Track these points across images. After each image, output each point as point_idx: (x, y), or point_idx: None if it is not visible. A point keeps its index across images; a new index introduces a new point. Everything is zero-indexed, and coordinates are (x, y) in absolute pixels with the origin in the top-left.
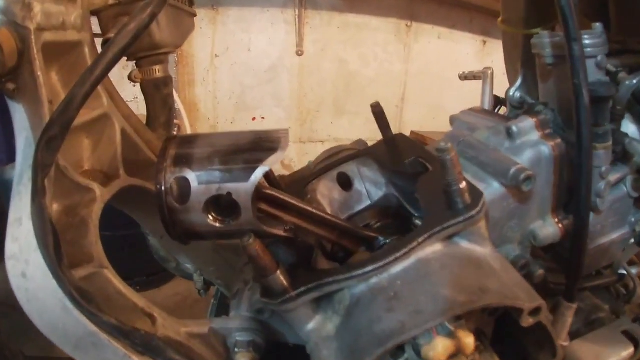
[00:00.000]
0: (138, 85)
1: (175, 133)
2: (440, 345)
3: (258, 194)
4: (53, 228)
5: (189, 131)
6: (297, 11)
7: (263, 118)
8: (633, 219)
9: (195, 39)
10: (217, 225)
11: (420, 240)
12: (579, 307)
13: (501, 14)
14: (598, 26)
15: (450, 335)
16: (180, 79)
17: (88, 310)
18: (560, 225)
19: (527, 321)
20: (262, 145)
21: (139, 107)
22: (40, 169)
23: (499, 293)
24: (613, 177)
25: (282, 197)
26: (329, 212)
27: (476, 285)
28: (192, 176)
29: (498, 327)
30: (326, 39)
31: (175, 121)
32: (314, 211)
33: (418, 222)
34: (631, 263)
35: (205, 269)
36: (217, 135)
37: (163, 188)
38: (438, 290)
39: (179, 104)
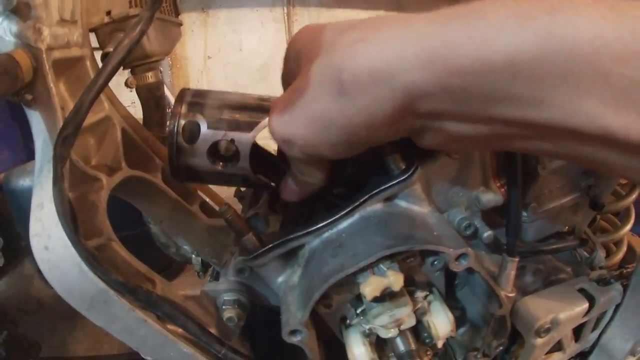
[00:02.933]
0: (134, 91)
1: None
2: (374, 282)
3: (254, 148)
4: (70, 205)
5: None
6: (285, 9)
7: None
8: (583, 184)
9: (188, 42)
10: (217, 167)
11: (361, 200)
12: (538, 269)
13: None
14: None
15: (383, 274)
16: (175, 82)
17: (100, 270)
18: (502, 190)
19: (456, 266)
20: (265, 106)
21: (136, 111)
22: (59, 160)
23: (423, 239)
24: None
25: (271, 155)
26: None
27: (405, 234)
28: (202, 121)
29: None
30: None
31: None
32: None
33: None
34: (605, 230)
35: (202, 250)
36: (227, 93)
37: (175, 128)
38: (372, 238)
39: None
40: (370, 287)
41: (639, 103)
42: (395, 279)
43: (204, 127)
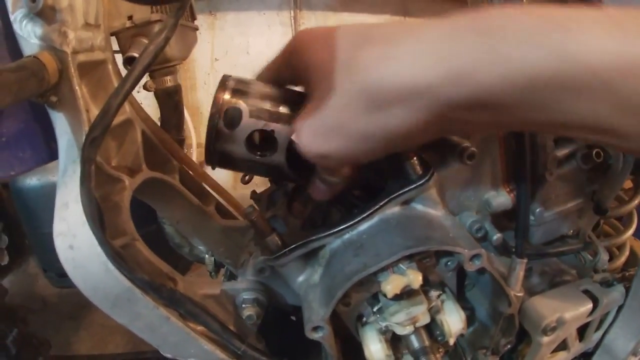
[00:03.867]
0: (142, 92)
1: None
2: (395, 280)
3: (291, 142)
4: (98, 205)
5: (192, 134)
6: (292, 13)
7: None
8: (588, 189)
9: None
10: (253, 156)
11: (381, 204)
12: (544, 270)
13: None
14: None
15: (403, 273)
16: (182, 84)
17: (126, 269)
18: (511, 195)
19: (470, 266)
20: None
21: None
22: (87, 161)
23: (441, 240)
24: (561, 152)
25: None
26: None
27: (423, 235)
28: (245, 108)
29: None
30: None
31: None
32: None
33: None
34: (608, 234)
35: (216, 250)
36: (269, 85)
37: (217, 110)
38: (393, 239)
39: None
40: (391, 285)
41: None
42: (414, 278)
43: (245, 115)
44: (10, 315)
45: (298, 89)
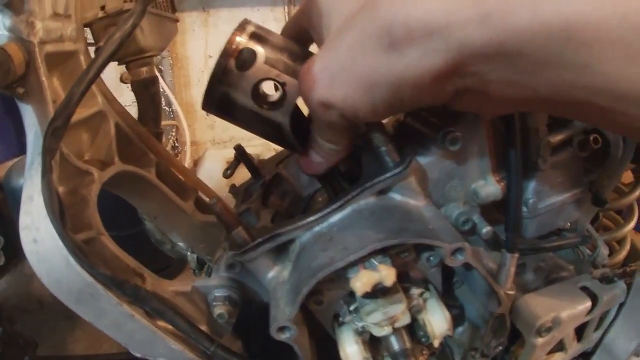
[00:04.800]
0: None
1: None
2: (365, 276)
3: (297, 105)
4: (58, 198)
5: (186, 132)
6: (286, 8)
7: None
8: (585, 179)
9: (189, 41)
10: (256, 106)
11: (354, 194)
12: (539, 266)
13: None
14: None
15: (375, 269)
16: (176, 81)
17: (87, 263)
18: (501, 184)
19: (451, 261)
20: None
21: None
22: (47, 152)
23: (417, 233)
24: (555, 137)
25: (308, 120)
26: (296, 186)
27: (397, 227)
28: (261, 53)
29: None
30: None
31: (173, 122)
32: None
33: None
34: (608, 228)
35: (196, 246)
36: (289, 40)
37: (231, 48)
38: (364, 231)
39: (175, 106)
40: (360, 281)
41: None
42: (387, 274)
43: (260, 60)
44: None
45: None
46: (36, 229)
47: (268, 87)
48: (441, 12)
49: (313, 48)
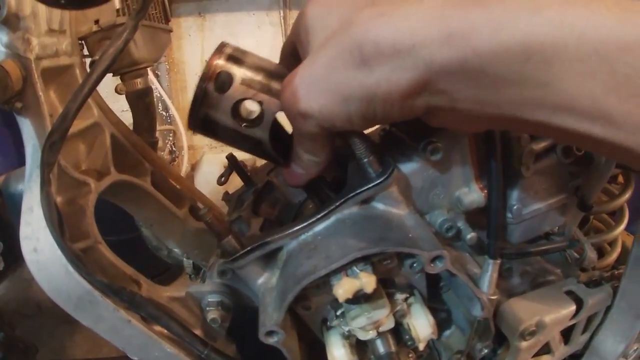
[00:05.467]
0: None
1: (170, 138)
2: (346, 284)
3: (276, 120)
4: (57, 209)
5: (184, 136)
6: (282, 13)
7: None
8: (571, 184)
9: (185, 46)
10: (236, 125)
11: (337, 204)
12: (525, 271)
13: None
14: None
15: (356, 276)
16: (172, 86)
17: (85, 271)
18: (484, 192)
19: (431, 268)
20: None
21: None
22: (45, 166)
23: (397, 241)
24: (538, 145)
25: (287, 135)
26: (286, 194)
27: (377, 236)
28: (237, 75)
29: None
30: None
31: (170, 127)
32: None
33: None
34: (598, 230)
35: (191, 252)
36: (264, 59)
37: (209, 72)
38: (346, 240)
39: (172, 110)
40: (342, 288)
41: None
42: (367, 281)
43: (237, 81)
44: None
45: None
46: (36, 238)
47: (248, 105)
48: (408, 32)
49: None
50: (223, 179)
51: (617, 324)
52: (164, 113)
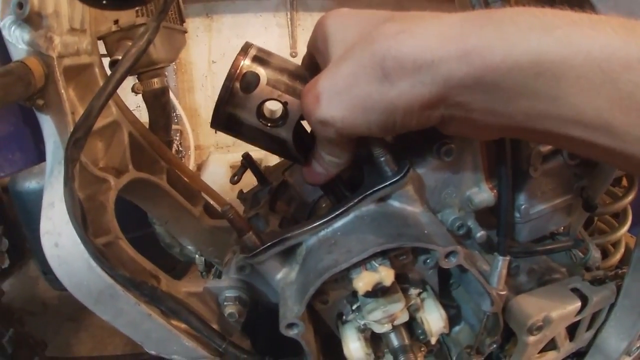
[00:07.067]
0: (139, 95)
1: (177, 137)
2: (366, 277)
3: (299, 121)
4: (80, 205)
5: (190, 136)
6: (289, 14)
7: None
8: (576, 186)
9: (192, 47)
10: (261, 125)
11: (356, 201)
12: (532, 269)
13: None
14: None
15: (375, 270)
16: (179, 86)
17: (108, 266)
18: (494, 192)
19: (445, 263)
20: None
21: (141, 114)
22: (70, 162)
23: (414, 237)
24: (545, 147)
25: (309, 136)
26: (301, 192)
27: (396, 232)
28: (263, 75)
29: None
30: None
31: (177, 127)
32: None
33: None
34: (604, 231)
35: (204, 249)
36: (289, 61)
37: (235, 72)
38: (365, 236)
39: (179, 110)
40: (362, 282)
41: None
42: (386, 275)
43: (263, 82)
44: (7, 315)
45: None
46: (58, 234)
47: (271, 106)
48: (428, 49)
49: None
50: (236, 177)
51: (621, 321)
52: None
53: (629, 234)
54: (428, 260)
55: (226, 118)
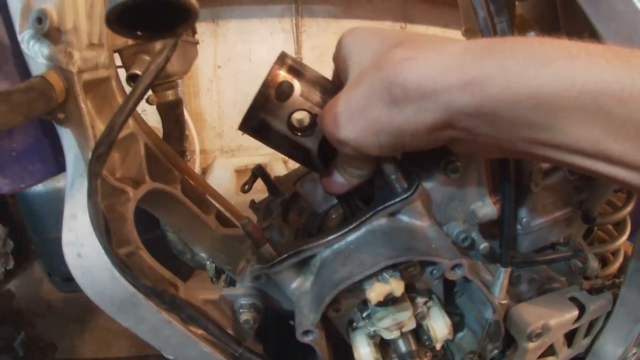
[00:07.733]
0: (144, 99)
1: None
2: (378, 288)
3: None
4: (104, 217)
5: (196, 141)
6: (294, 20)
7: None
8: (575, 199)
9: (198, 51)
10: (290, 133)
11: (367, 216)
12: (533, 278)
13: (462, 23)
14: None
15: (387, 282)
16: (185, 91)
17: (131, 276)
18: (497, 206)
19: (451, 275)
20: None
21: (147, 118)
22: (93, 176)
23: (422, 251)
24: (546, 163)
25: (333, 148)
26: (311, 203)
27: (406, 246)
28: (297, 86)
29: None
30: (323, 45)
31: None
32: None
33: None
34: (602, 240)
35: (216, 257)
36: (319, 73)
37: (271, 80)
38: (377, 250)
39: (185, 115)
40: (375, 292)
41: (634, 135)
42: (396, 286)
43: (297, 92)
44: (18, 318)
45: None
46: (81, 244)
47: (299, 115)
48: (431, 78)
49: None
50: (247, 187)
51: (617, 328)
52: None
53: (629, 242)
54: (434, 272)
55: (258, 123)
